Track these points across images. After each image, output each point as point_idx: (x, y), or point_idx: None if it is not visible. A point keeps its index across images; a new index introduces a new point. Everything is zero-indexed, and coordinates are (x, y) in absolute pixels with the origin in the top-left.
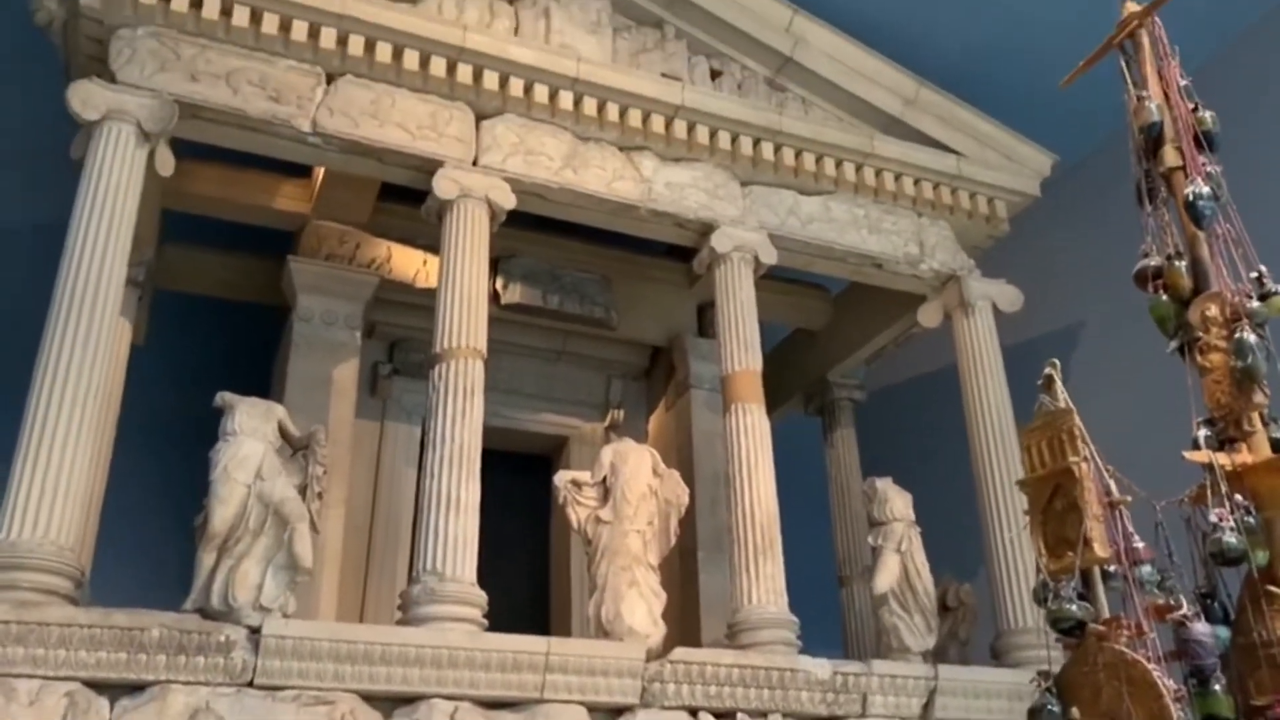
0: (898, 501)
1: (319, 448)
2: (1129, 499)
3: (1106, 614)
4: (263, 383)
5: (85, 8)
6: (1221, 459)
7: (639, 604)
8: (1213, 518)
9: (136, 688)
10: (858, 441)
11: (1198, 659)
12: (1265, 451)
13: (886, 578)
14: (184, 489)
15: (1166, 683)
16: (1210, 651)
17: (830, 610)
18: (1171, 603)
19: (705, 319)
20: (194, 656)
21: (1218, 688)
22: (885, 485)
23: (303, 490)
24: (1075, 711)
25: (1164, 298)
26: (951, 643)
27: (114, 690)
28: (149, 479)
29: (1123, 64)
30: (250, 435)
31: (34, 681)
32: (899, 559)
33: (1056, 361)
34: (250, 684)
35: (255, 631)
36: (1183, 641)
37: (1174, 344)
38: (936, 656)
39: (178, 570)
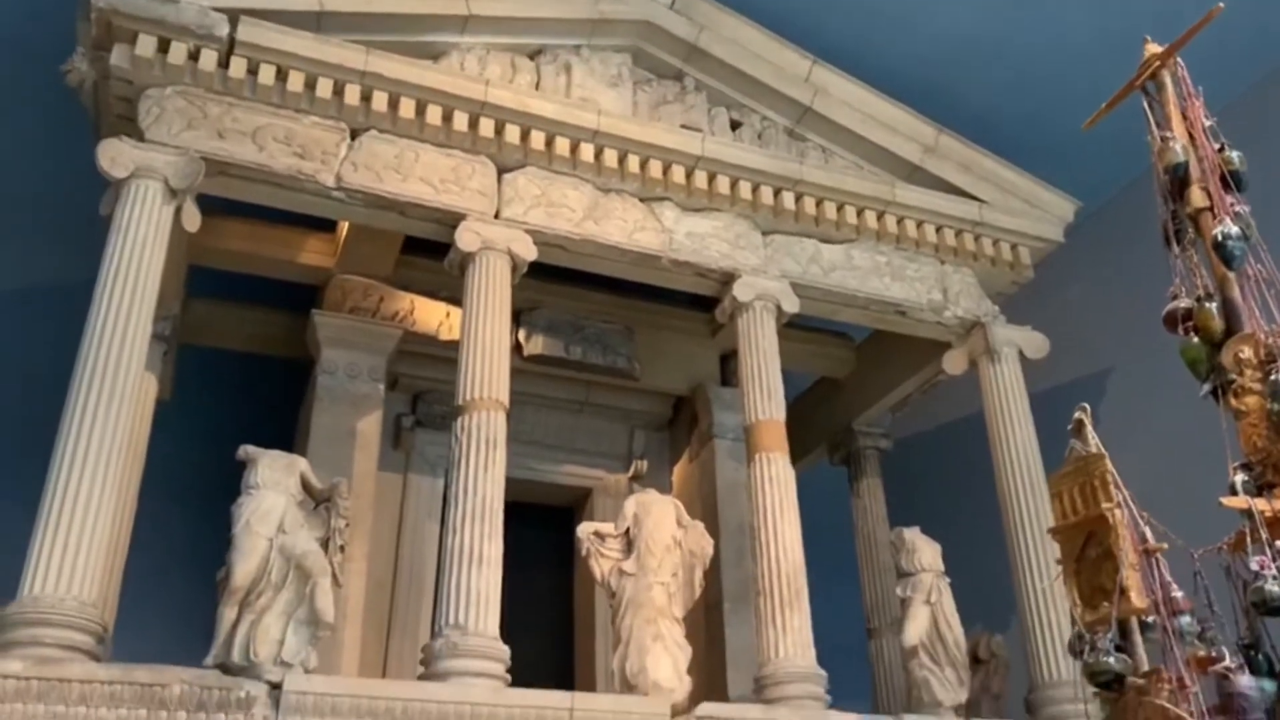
0: (926, 552)
1: (341, 500)
2: (1165, 546)
3: (1145, 666)
4: (286, 436)
5: (115, 69)
6: (1260, 505)
7: (664, 657)
8: (1254, 566)
9: None
10: (884, 491)
11: (1243, 714)
12: None
13: (916, 630)
14: (208, 543)
15: None
16: (1256, 705)
17: (859, 663)
18: (1213, 654)
19: (728, 368)
20: (214, 713)
21: None
22: (913, 535)
23: (325, 544)
24: None
25: (1195, 340)
26: (984, 696)
27: None
28: (173, 533)
29: (1145, 105)
30: (272, 489)
31: None
32: (928, 610)
33: (1087, 406)
34: None
35: (276, 687)
36: (1226, 695)
37: (1207, 387)
38: (969, 710)
39: (201, 625)
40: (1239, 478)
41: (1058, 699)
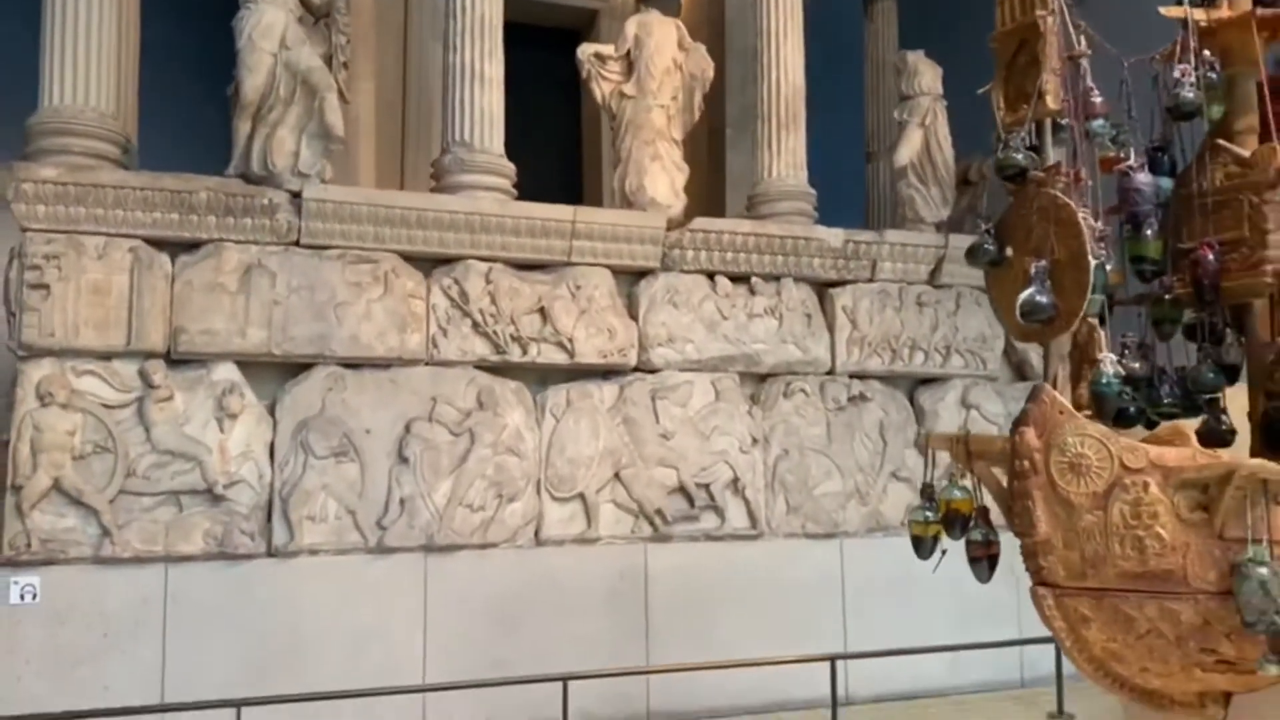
0: (927, 75)
1: (340, 16)
2: (1089, 52)
3: (1050, 164)
4: None
5: None
6: (1198, 14)
7: (661, 176)
8: (1176, 74)
9: (193, 245)
10: (899, 15)
11: (1134, 206)
12: (1246, 6)
13: (907, 150)
14: (215, 60)
15: (1091, 223)
16: (1147, 200)
17: (856, 186)
18: (1121, 155)
19: None
20: (241, 218)
21: (1149, 233)
22: (916, 58)
23: (328, 60)
24: (1010, 250)
25: None
26: (968, 216)
27: (173, 247)
28: (181, 51)
29: None
30: (271, 3)
31: (99, 238)
32: (922, 133)
33: None
34: (297, 243)
35: (296, 196)
36: (1123, 190)
37: None
38: (952, 229)
39: (217, 145)
40: None
41: None
